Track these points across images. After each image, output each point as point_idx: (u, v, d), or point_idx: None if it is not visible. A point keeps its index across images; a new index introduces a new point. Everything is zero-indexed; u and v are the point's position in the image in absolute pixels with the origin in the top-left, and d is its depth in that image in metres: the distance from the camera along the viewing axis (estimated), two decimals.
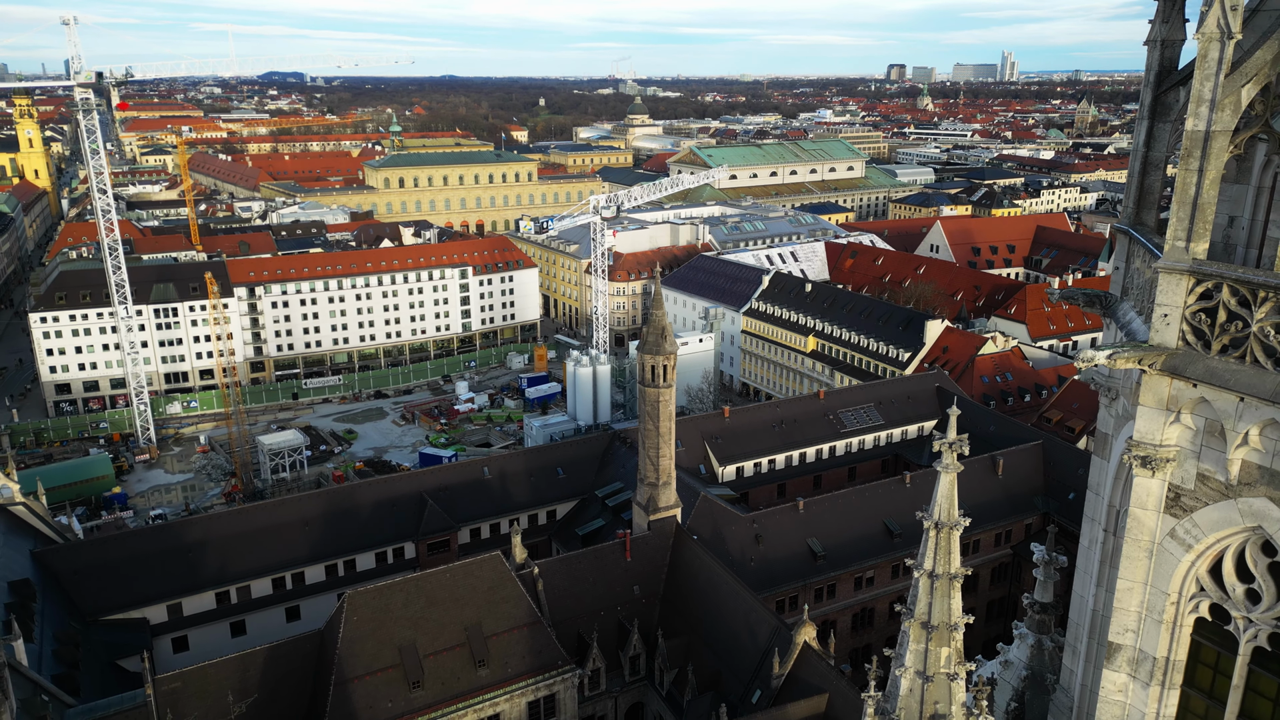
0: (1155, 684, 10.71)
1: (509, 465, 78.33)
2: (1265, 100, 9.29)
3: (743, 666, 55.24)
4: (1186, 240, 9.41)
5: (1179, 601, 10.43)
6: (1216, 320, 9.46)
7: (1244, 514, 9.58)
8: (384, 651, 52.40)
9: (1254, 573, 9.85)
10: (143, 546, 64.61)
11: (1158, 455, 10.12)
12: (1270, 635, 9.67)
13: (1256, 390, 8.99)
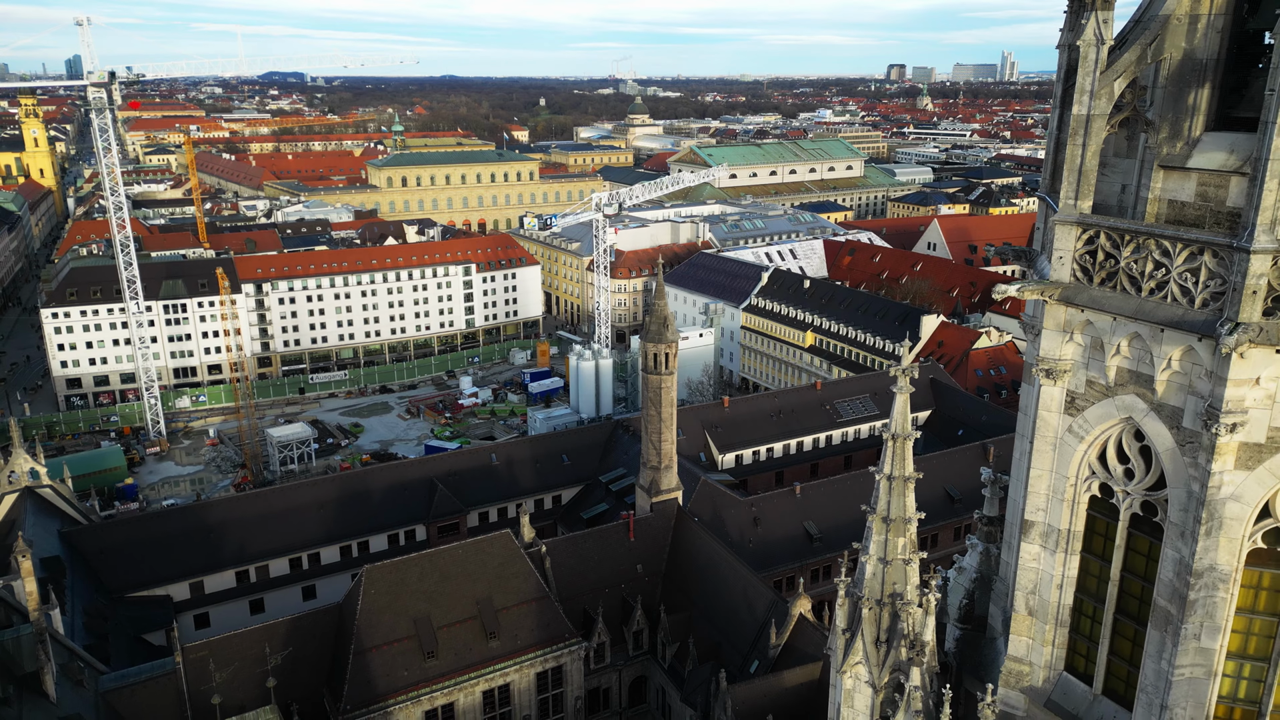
0: (1060, 551, 13.56)
1: (515, 452, 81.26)
2: (1133, 91, 12.15)
3: (741, 639, 58.03)
4: (1075, 199, 12.28)
5: (1076, 483, 13.28)
6: (1097, 259, 12.30)
7: (1120, 408, 12.44)
8: (400, 623, 55.18)
9: (1129, 455, 12.71)
10: (165, 527, 67.50)
11: (1057, 368, 13.00)
12: (1142, 504, 12.52)
13: (1124, 310, 11.86)
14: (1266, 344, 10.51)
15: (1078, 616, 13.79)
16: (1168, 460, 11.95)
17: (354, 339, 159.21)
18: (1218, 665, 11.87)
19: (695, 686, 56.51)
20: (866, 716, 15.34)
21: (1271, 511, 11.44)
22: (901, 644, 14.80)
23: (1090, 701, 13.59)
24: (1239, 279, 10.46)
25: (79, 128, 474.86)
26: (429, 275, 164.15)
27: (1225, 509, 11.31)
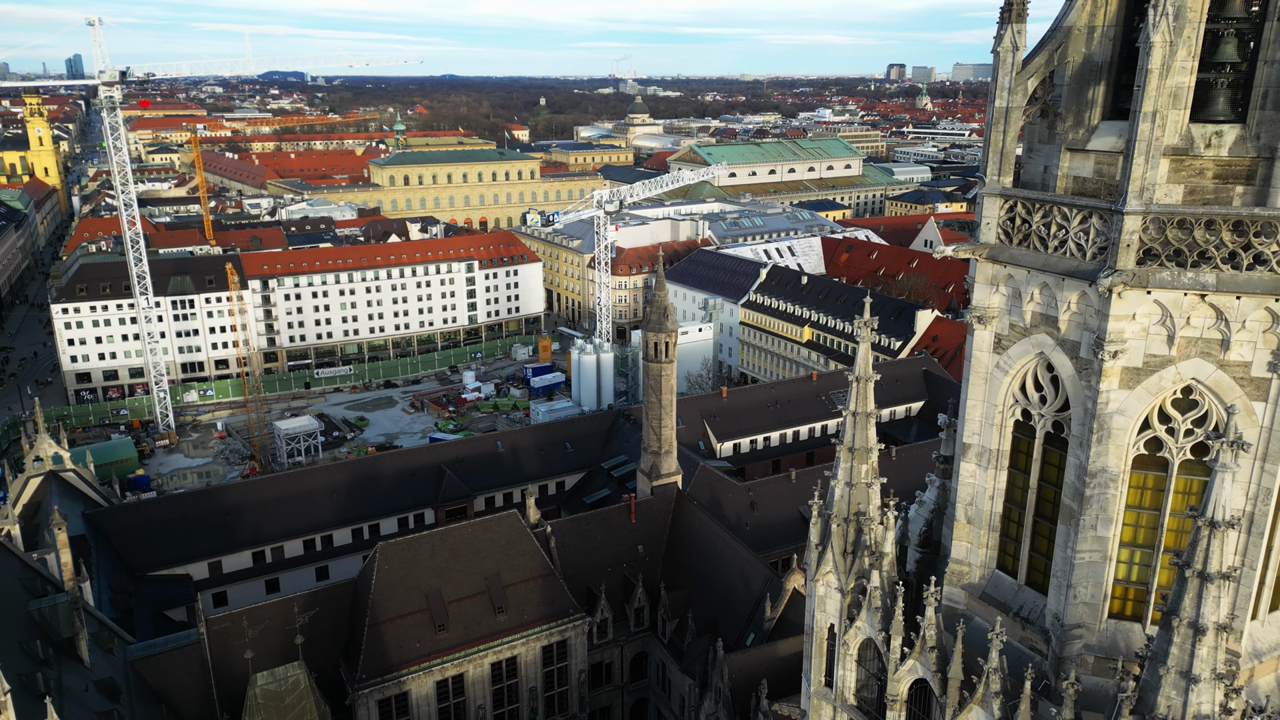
0: (991, 468, 16.38)
1: (520, 440, 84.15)
2: (1044, 87, 14.97)
3: (738, 613, 60.86)
4: (998, 175, 15.13)
5: (1003, 410, 16.09)
6: (1015, 224, 15.12)
7: (1034, 345, 15.26)
8: (412, 597, 58.05)
9: (1042, 383, 15.53)
10: (184, 510, 70.39)
11: (987, 314, 15.82)
12: (1053, 423, 15.36)
13: (1035, 264, 14.69)
14: (1138, 286, 13.35)
15: (1005, 522, 16.63)
16: (1069, 385, 14.78)
17: (358, 335, 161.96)
18: (1112, 551, 14.67)
19: (694, 658, 59.36)
20: (836, 617, 18.17)
21: (1151, 424, 14.25)
22: (865, 554, 17.60)
23: (1016, 591, 16.42)
24: (1117, 235, 13.27)
25: (81, 126, 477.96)
26: (432, 272, 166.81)
27: (1113, 421, 14.12)
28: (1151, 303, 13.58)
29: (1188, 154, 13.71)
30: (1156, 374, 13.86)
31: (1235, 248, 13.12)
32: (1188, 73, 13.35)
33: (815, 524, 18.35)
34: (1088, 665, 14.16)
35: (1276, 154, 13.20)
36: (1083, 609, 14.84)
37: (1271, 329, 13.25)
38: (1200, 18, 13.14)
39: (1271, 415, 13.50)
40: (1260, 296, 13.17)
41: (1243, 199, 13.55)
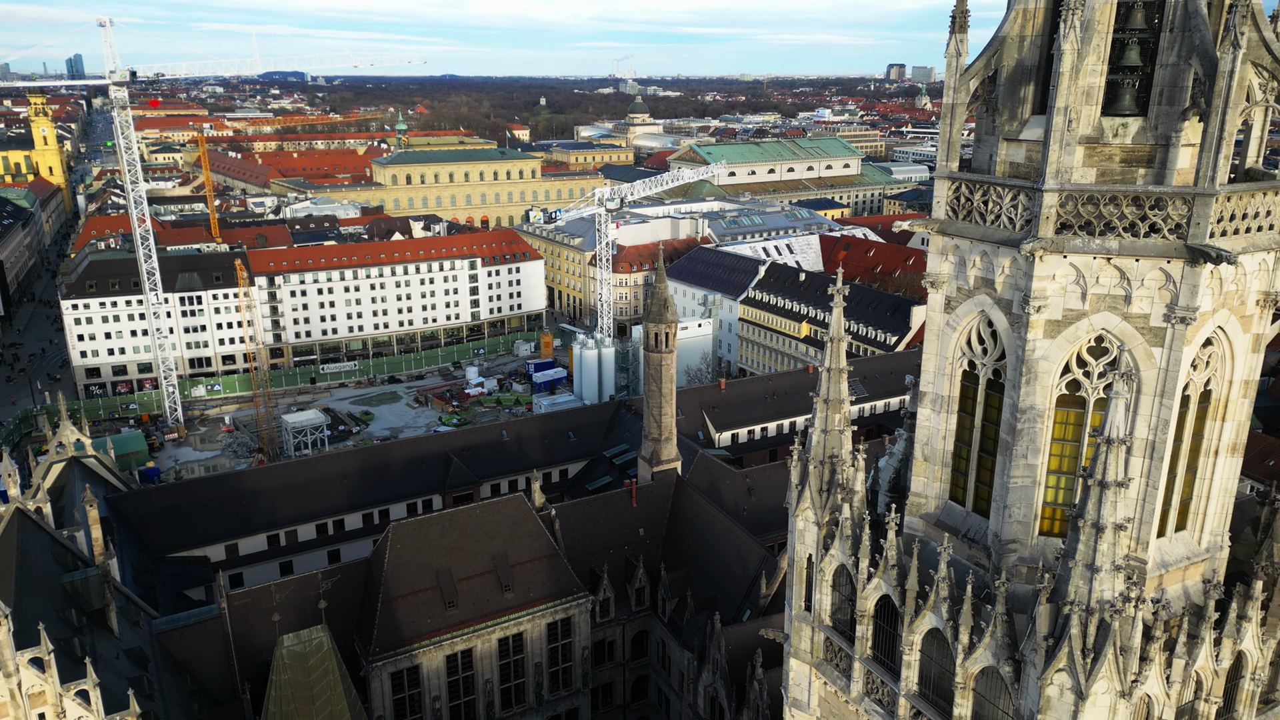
0: (944, 411, 19.13)
1: (525, 429, 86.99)
2: (985, 87, 17.71)
3: (735, 591, 63.65)
4: (947, 161, 17.91)
5: (952, 361, 18.84)
6: (960, 202, 17.89)
7: (976, 304, 18.01)
8: (423, 575, 60.82)
9: (984, 337, 18.29)
10: (201, 494, 73.26)
11: (938, 280, 18.60)
12: (993, 371, 18.13)
13: (976, 235, 17.45)
14: (1056, 251, 16.09)
15: (956, 458, 19.36)
16: (1005, 337, 17.52)
17: (363, 331, 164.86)
18: (1040, 477, 17.40)
19: (692, 633, 62.15)
20: (814, 548, 20.92)
21: (1070, 368, 16.98)
22: (838, 492, 20.34)
23: (964, 516, 19.15)
24: (1038, 209, 16.02)
25: (83, 126, 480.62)
26: (435, 269, 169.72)
27: (1039, 366, 16.86)
28: (1068, 265, 16.33)
29: (1099, 142, 16.47)
30: (1073, 325, 16.62)
31: (1134, 219, 15.87)
32: (1098, 75, 16.11)
33: (795, 466, 21.13)
34: (1021, 575, 16.89)
35: (1171, 141, 15.96)
36: (1017, 527, 17.60)
37: (1165, 286, 15.99)
38: (1108, 29, 15.87)
39: (1167, 358, 16.24)
40: (1155, 259, 15.94)
41: (1144, 179, 16.31)
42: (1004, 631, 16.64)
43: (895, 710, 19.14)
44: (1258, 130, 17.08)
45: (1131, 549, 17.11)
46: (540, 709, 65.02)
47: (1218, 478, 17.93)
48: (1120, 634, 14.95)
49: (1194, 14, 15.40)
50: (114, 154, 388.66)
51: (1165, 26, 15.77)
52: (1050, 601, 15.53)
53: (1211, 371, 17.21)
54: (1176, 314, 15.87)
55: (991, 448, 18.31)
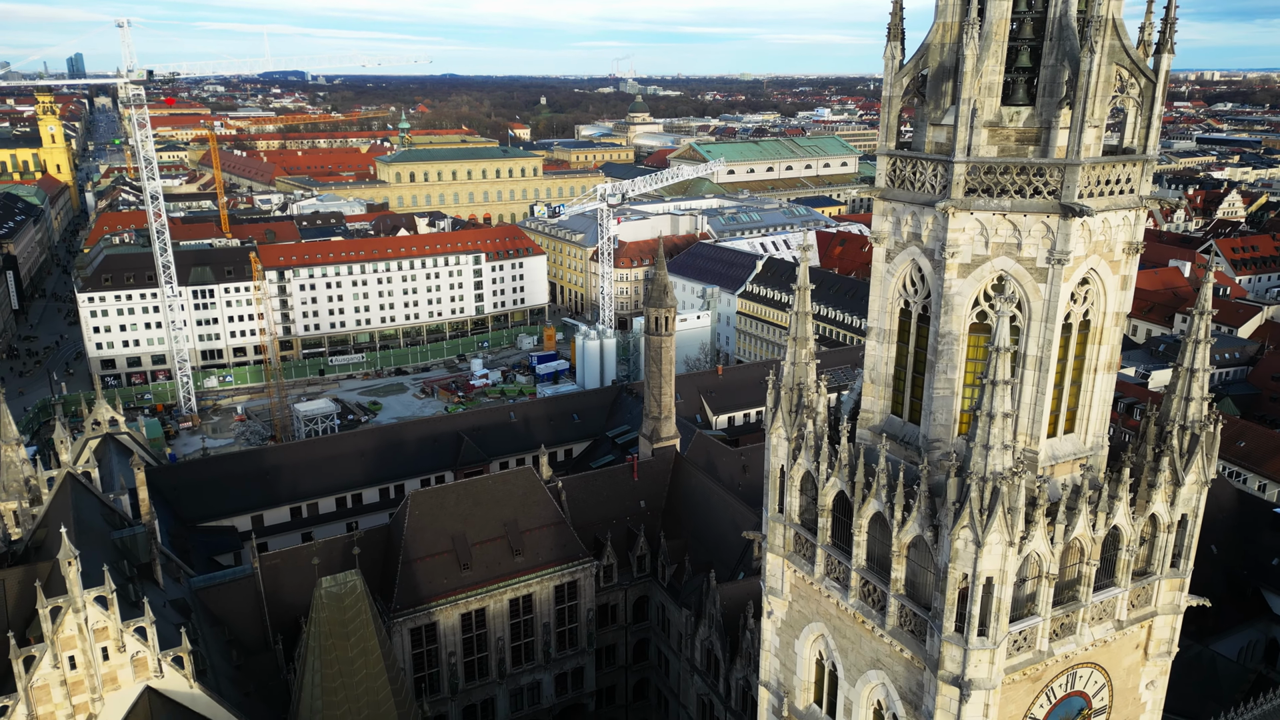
0: (885, 342, 23.98)
1: (532, 411, 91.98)
2: (915, 83, 22.55)
3: (730, 556, 68.61)
4: (886, 141, 22.76)
5: (891, 301, 23.70)
6: (896, 173, 22.70)
7: (908, 254, 22.79)
8: (440, 539, 65.79)
9: (914, 280, 23.13)
10: (228, 469, 78.26)
11: (880, 236, 23.43)
12: (921, 307, 22.98)
13: (907, 199, 22.25)
14: (964, 209, 20.91)
15: (895, 379, 24.18)
16: (930, 279, 22.32)
17: (370, 324, 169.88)
18: (958, 389, 22.19)
19: (690, 593, 67.11)
20: (785, 459, 25.76)
21: (979, 302, 21.78)
22: (804, 412, 25.17)
23: (902, 425, 23.98)
24: (952, 177, 20.85)
25: (86, 125, 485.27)
26: (441, 264, 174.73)
27: (954, 301, 21.66)
28: (974, 220, 21.14)
29: (999, 126, 21.30)
30: (979, 267, 21.42)
31: (1023, 184, 20.69)
32: (997, 74, 20.94)
33: (770, 393, 26.02)
34: (943, 468, 21.67)
35: (1052, 125, 20.77)
36: (940, 429, 22.39)
37: (1046, 235, 20.79)
38: (1003, 39, 20.70)
39: (1049, 292, 21.05)
40: (1038, 215, 20.75)
41: (1031, 154, 21.13)
42: (926, 506, 21.49)
43: (849, 583, 24.00)
44: (1132, 116, 21.92)
45: (1027, 444, 22.00)
46: (548, 667, 69.98)
47: (1097, 390, 22.80)
48: (1008, 497, 19.78)
49: (1066, 27, 20.24)
50: (119, 152, 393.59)
51: (1047, 36, 20.60)
52: (958, 475, 20.33)
53: (1089, 304, 22.05)
54: (1055, 257, 20.69)
55: (921, 369, 23.13)
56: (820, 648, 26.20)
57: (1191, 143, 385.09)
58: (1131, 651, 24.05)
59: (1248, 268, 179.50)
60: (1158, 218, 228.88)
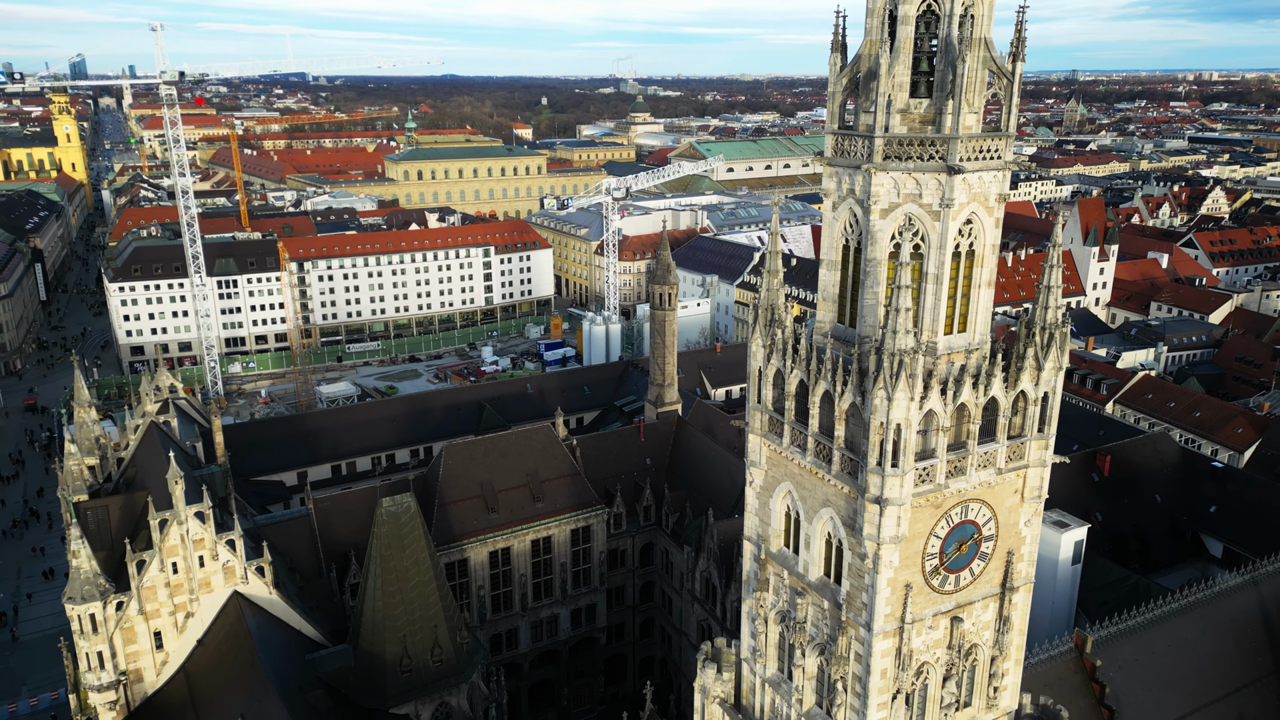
0: (833, 270, 33.19)
1: (546, 383, 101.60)
2: (852, 82, 31.70)
3: (725, 503, 77.96)
4: (831, 123, 31.96)
5: (836, 239, 32.90)
6: (837, 146, 31.86)
7: (847, 205, 31.95)
8: (470, 486, 75.27)
9: (851, 224, 32.43)
10: (277, 430, 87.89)
11: (828, 193, 32.64)
12: (856, 243, 32.26)
13: (844, 164, 31.49)
14: (882, 170, 30.18)
15: (840, 297, 33.51)
16: (861, 221, 31.58)
17: (385, 313, 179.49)
18: (881, 299, 31.41)
19: (690, 534, 76.54)
20: (762, 361, 35.07)
21: (895, 236, 31.03)
22: (775, 326, 34.42)
23: (844, 329, 33.27)
24: (874, 148, 30.13)
25: (91, 125, 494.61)
26: (451, 257, 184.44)
27: (877, 235, 30.89)
28: (889, 178, 30.45)
29: (907, 112, 30.64)
30: (894, 211, 30.71)
31: (922, 152, 29.99)
32: (906, 76, 30.25)
33: (750, 313, 35.34)
34: (869, 354, 30.83)
35: (943, 111, 30.06)
36: (868, 329, 31.68)
37: (938, 188, 30.05)
38: (909, 51, 30.01)
39: (942, 228, 30.36)
40: (933, 173, 30.05)
41: (929, 132, 30.46)
42: (857, 381, 30.83)
43: (807, 446, 33.37)
44: (1006, 105, 31.23)
45: (930, 338, 31.36)
46: (564, 602, 79.41)
47: (981, 301, 32.15)
48: (909, 366, 29.06)
49: (950, 45, 29.61)
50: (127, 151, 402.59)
51: (939, 51, 29.94)
52: (876, 354, 29.61)
53: (972, 238, 31.33)
54: (944, 203, 29.98)
55: (856, 287, 32.46)
56: (788, 502, 35.60)
57: (1183, 142, 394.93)
58: (1011, 495, 33.42)
59: (1225, 260, 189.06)
60: (1144, 213, 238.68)
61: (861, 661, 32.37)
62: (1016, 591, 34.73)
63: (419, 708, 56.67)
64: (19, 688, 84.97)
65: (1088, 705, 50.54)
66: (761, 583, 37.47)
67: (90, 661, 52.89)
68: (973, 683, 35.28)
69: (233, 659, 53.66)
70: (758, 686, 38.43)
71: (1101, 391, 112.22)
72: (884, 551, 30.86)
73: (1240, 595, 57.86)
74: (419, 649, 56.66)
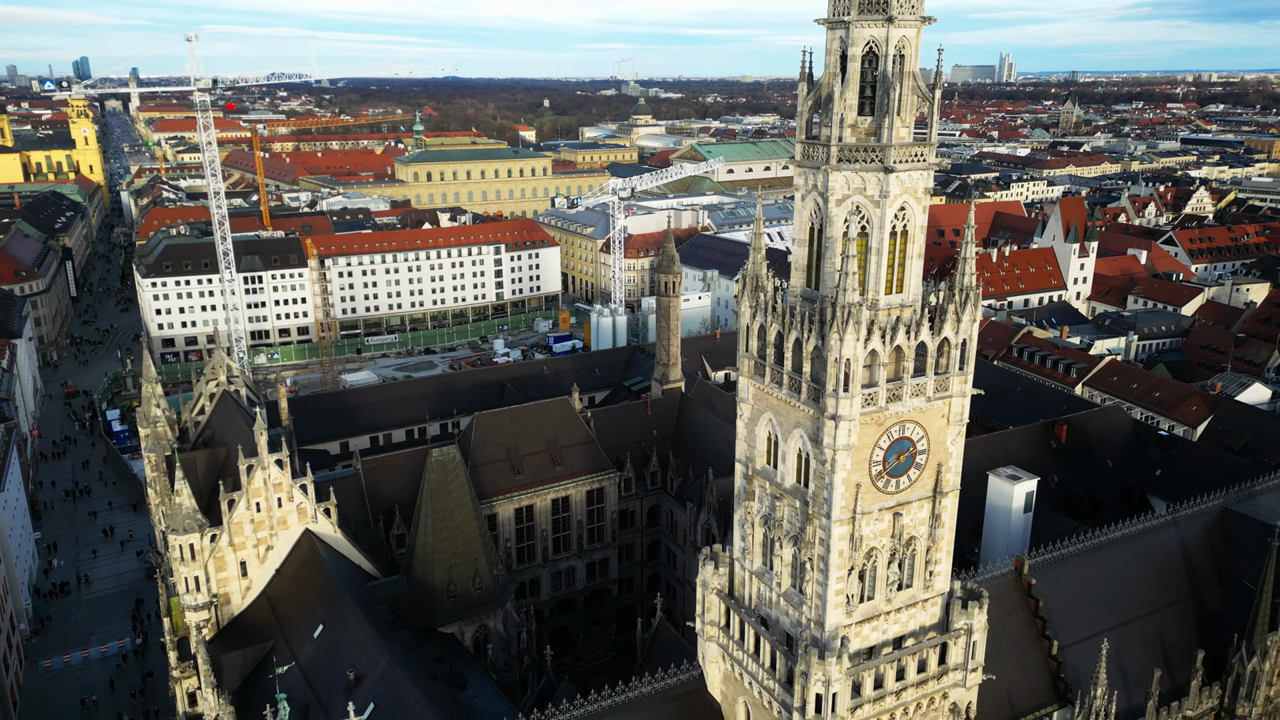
0: (802, 246, 43.61)
1: (561, 365, 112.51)
2: (815, 104, 42.14)
3: (723, 465, 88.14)
4: (801, 134, 42.53)
5: (805, 222, 43.35)
6: (804, 152, 42.34)
7: (812, 196, 42.38)
8: (499, 450, 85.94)
9: (815, 210, 42.93)
10: (320, 405, 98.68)
11: (798, 187, 43.07)
12: (819, 225, 42.85)
13: (809, 165, 41.99)
14: (837, 170, 40.69)
15: (808, 266, 44.09)
16: (822, 208, 42.10)
17: (401, 308, 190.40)
18: (836, 266, 42.04)
19: (693, 493, 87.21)
20: (749, 318, 45.79)
21: (846, 220, 41.48)
22: (758, 290, 45.04)
23: (811, 292, 43.85)
24: (830, 152, 40.62)
25: (101, 128, 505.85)
26: (464, 254, 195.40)
27: (834, 219, 41.31)
28: (842, 176, 41.07)
29: (855, 127, 41.25)
30: (845, 200, 41.33)
31: (866, 157, 40.57)
32: (854, 99, 40.85)
33: (738, 280, 46.11)
34: (829, 309, 41.43)
35: (883, 126, 40.65)
36: (829, 290, 42.33)
37: (879, 183, 40.65)
38: (857, 81, 40.62)
39: (882, 213, 40.94)
40: (874, 173, 40.65)
41: (872, 141, 41.10)
42: (819, 328, 41.59)
43: (783, 382, 44.05)
44: (930, 121, 41.88)
45: (875, 296, 42.03)
46: (580, 556, 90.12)
47: (913, 269, 42.80)
48: (855, 315, 39.66)
49: (886, 76, 40.29)
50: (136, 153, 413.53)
51: (879, 80, 40.64)
52: (832, 307, 40.20)
53: (905, 221, 41.94)
54: (882, 195, 40.62)
55: (819, 259, 43.14)
56: (769, 428, 46.21)
57: (1176, 143, 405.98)
58: (939, 419, 44.02)
59: (1203, 256, 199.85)
60: (1130, 213, 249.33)
61: (824, 544, 43.03)
62: (946, 496, 45.50)
63: (462, 628, 67.53)
64: (89, 638, 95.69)
65: (1024, 617, 61.22)
66: (749, 494, 48.21)
67: (188, 585, 63.59)
68: (913, 567, 45.94)
69: (308, 583, 64.40)
70: (746, 579, 49.12)
71: (1071, 375, 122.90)
72: (839, 456, 41.60)
73: (1163, 533, 68.56)
74: (463, 578, 67.50)
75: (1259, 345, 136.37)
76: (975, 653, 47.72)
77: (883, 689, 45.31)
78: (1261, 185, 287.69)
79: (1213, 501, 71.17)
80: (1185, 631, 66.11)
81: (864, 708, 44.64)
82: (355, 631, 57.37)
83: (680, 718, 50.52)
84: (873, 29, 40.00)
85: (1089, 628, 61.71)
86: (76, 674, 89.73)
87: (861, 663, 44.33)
